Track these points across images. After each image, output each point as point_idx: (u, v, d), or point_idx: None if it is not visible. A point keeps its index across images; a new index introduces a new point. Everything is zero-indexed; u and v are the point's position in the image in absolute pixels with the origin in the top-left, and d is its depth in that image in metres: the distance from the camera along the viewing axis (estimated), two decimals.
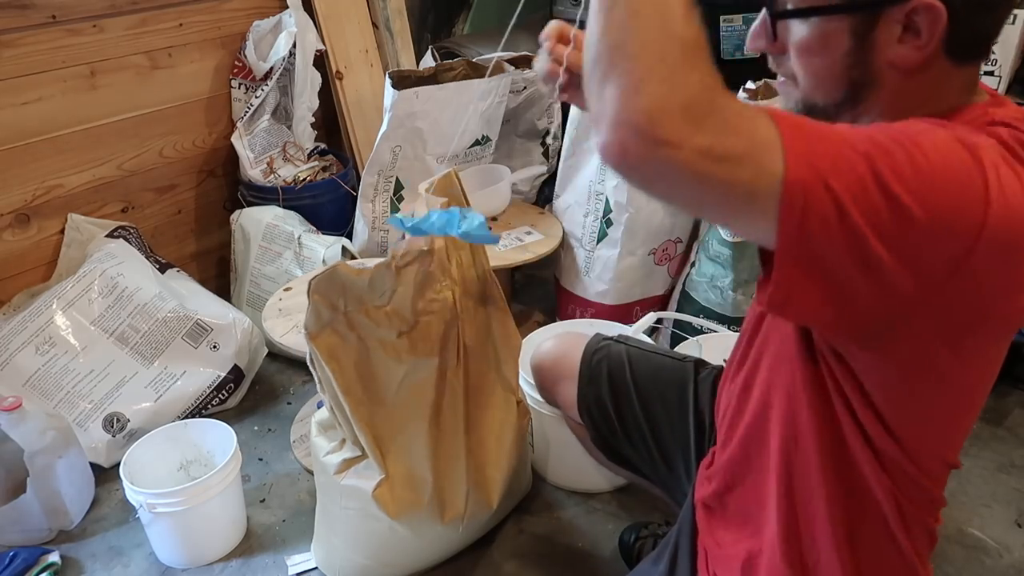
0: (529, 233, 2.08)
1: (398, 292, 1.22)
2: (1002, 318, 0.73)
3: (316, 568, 1.48)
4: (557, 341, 1.36)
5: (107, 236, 1.95)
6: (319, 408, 1.40)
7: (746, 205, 0.63)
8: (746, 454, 0.92)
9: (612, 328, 1.68)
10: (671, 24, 0.62)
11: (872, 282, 0.64)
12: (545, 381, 1.36)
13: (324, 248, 2.04)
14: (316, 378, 1.26)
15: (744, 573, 0.92)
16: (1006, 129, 0.72)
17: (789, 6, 0.76)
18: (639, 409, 1.21)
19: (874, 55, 0.74)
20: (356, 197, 2.14)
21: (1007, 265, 0.67)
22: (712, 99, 0.61)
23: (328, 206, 2.23)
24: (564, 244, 2.12)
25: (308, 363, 1.25)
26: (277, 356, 2.02)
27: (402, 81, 2.00)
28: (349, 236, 2.21)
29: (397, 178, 2.07)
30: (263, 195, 2.18)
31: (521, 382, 1.47)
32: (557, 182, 2.17)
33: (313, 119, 2.27)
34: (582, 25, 0.73)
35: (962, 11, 0.71)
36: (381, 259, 1.23)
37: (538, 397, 1.44)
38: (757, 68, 0.91)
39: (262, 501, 1.64)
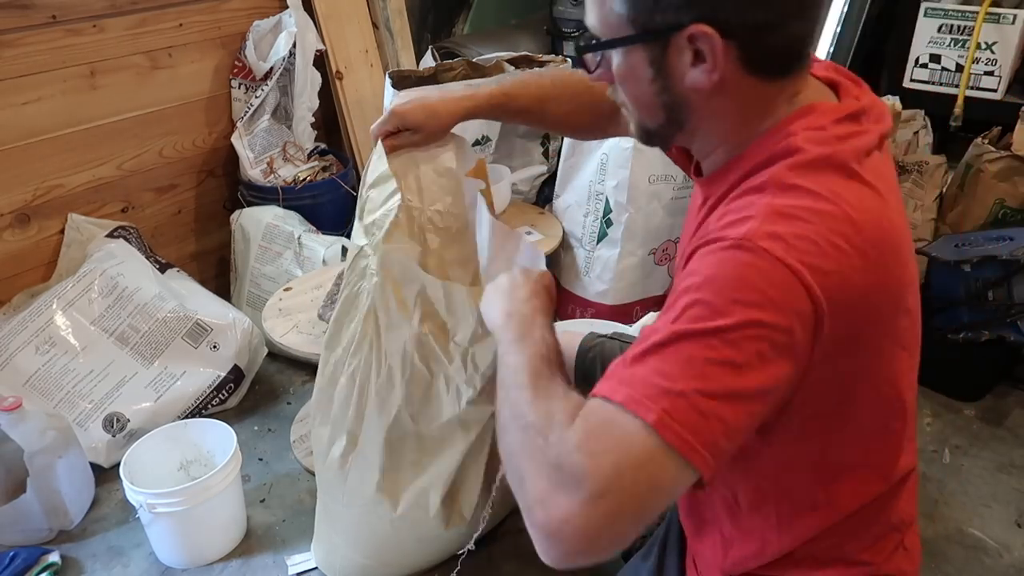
0: (529, 233, 2.08)
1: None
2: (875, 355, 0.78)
3: (316, 568, 1.48)
4: None
5: (107, 236, 1.95)
6: None
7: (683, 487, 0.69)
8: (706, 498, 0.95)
9: (611, 328, 1.68)
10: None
11: (763, 412, 0.71)
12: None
13: (324, 248, 2.04)
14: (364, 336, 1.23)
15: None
16: (785, 165, 0.74)
17: (593, 41, 0.81)
18: None
19: (674, 81, 0.77)
20: (356, 197, 2.14)
21: (854, 317, 0.72)
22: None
23: (328, 206, 2.23)
24: (564, 244, 2.12)
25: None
26: (277, 356, 2.02)
27: (402, 81, 2.00)
28: (349, 236, 2.21)
29: None
30: (263, 195, 2.18)
31: None
32: (557, 182, 2.17)
33: (313, 119, 2.27)
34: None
35: (743, 34, 0.74)
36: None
37: None
38: None
39: (262, 501, 1.64)
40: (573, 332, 1.35)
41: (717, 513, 0.92)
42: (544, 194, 2.37)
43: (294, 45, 2.12)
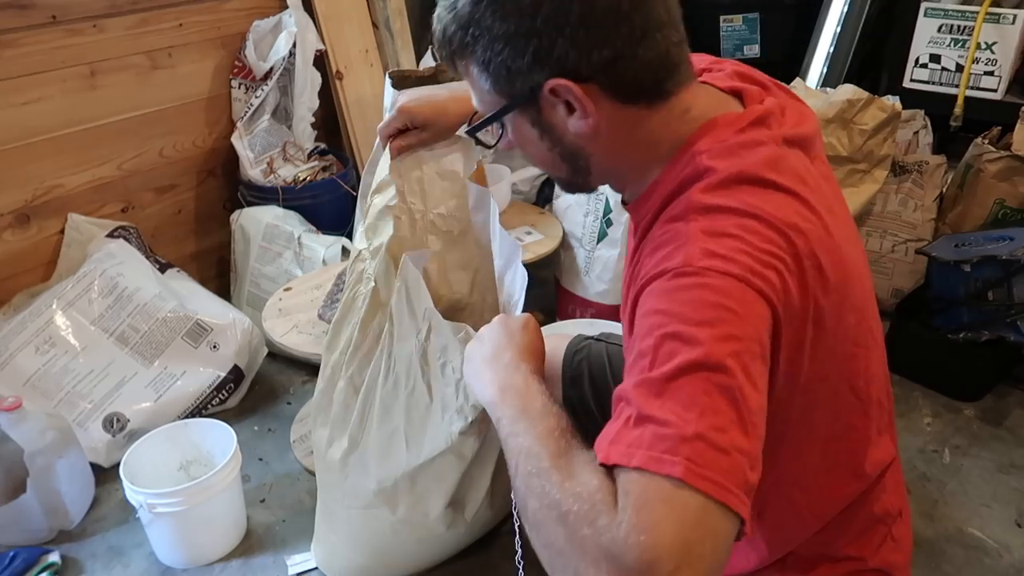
0: (529, 233, 2.08)
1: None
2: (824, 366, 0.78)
3: (316, 568, 1.48)
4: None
5: (107, 236, 1.95)
6: None
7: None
8: None
9: (610, 327, 1.68)
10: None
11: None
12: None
13: (324, 248, 2.04)
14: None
15: None
16: (698, 188, 0.75)
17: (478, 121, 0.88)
18: None
19: (560, 134, 0.81)
20: (356, 197, 2.14)
21: (802, 322, 0.72)
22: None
23: (328, 206, 2.23)
24: (564, 244, 2.12)
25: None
26: (277, 356, 2.02)
27: (402, 81, 2.00)
28: (349, 236, 2.21)
29: None
30: (263, 195, 2.18)
31: None
32: None
33: (313, 119, 2.27)
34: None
35: (596, 75, 0.76)
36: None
37: None
38: (757, 68, 0.92)
39: (262, 501, 1.64)
40: (560, 335, 1.34)
41: None
42: (544, 194, 2.38)
43: (294, 45, 2.12)
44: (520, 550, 1.09)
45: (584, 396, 1.23)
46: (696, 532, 0.59)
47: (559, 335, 1.33)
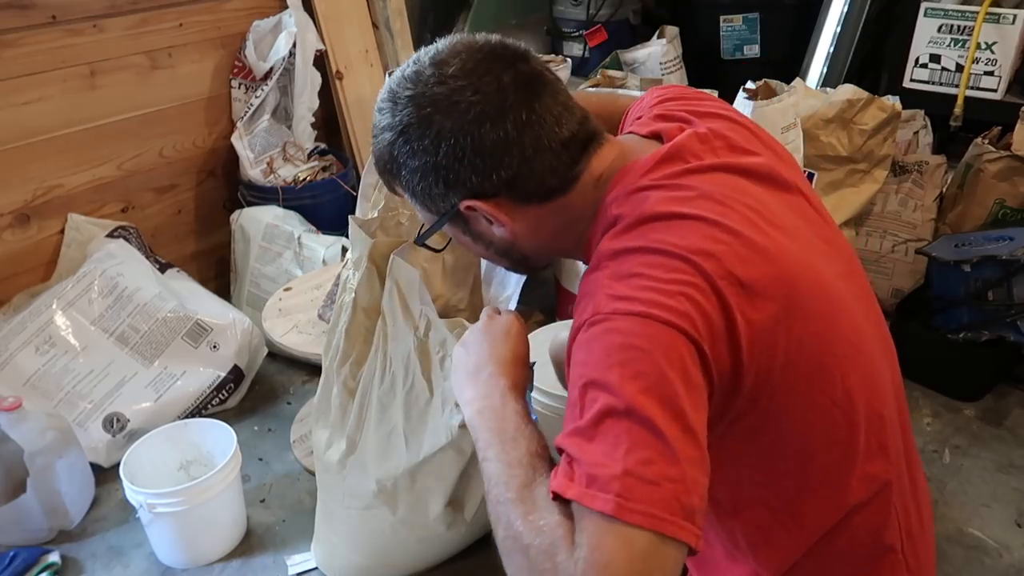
0: None
1: None
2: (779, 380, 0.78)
3: (316, 568, 1.48)
4: None
5: (107, 236, 1.95)
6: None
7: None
8: None
9: None
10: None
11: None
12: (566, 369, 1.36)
13: (324, 248, 2.04)
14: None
15: None
16: (607, 237, 0.79)
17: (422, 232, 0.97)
18: None
19: (489, 238, 0.91)
20: (356, 197, 2.14)
21: (733, 343, 0.73)
22: None
23: (328, 206, 2.23)
24: None
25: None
26: (277, 356, 2.02)
27: None
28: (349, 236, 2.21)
29: None
30: (263, 195, 2.18)
31: None
32: None
33: (313, 119, 2.27)
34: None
35: (502, 191, 0.84)
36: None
37: (538, 397, 1.44)
38: (757, 68, 0.92)
39: (262, 501, 1.64)
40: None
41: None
42: None
43: (294, 45, 2.12)
44: None
45: None
46: (646, 565, 0.63)
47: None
